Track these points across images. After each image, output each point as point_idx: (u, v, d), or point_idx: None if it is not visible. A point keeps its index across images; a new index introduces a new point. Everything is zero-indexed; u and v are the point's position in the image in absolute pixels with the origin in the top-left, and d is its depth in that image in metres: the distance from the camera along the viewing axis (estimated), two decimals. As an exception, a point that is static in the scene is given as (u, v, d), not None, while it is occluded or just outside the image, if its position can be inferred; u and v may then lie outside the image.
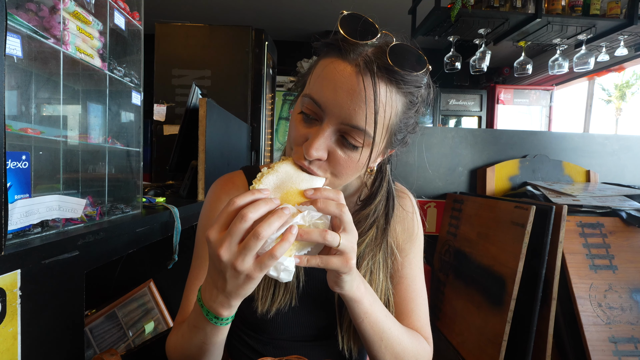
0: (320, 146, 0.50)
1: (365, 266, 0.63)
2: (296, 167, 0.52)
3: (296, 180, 0.50)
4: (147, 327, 1.37)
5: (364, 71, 0.48)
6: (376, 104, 0.48)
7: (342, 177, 0.54)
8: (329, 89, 0.49)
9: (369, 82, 0.48)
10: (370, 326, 0.55)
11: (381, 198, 0.65)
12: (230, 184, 0.70)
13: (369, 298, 0.55)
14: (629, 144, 2.03)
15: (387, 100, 0.50)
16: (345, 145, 0.51)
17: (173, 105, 2.55)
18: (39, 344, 0.57)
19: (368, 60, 0.48)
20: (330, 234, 0.46)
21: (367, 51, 0.50)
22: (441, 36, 2.43)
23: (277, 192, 0.49)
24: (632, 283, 1.33)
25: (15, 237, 0.58)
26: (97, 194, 0.84)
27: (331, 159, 0.52)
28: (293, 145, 0.55)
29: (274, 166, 0.51)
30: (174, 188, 1.59)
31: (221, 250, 0.43)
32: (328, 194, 0.48)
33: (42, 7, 0.65)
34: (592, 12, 2.16)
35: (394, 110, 0.51)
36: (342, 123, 0.49)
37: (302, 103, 0.53)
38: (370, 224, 0.64)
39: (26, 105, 0.67)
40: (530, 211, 1.33)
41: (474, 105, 4.38)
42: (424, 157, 2.00)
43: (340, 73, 0.49)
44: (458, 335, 1.59)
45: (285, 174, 0.51)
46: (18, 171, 0.58)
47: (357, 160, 0.52)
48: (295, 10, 3.81)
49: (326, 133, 0.50)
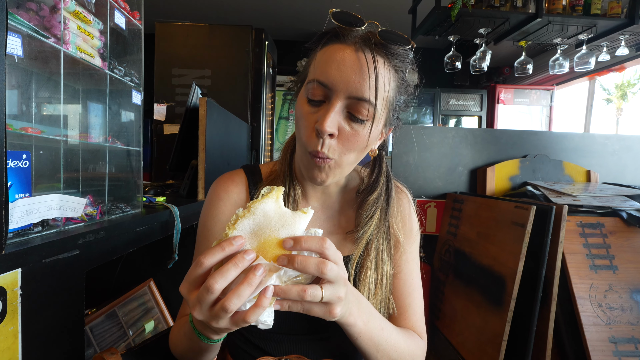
0: (332, 121, 0.54)
1: (374, 249, 0.66)
2: (277, 205, 0.46)
3: (275, 226, 0.44)
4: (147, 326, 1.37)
5: (363, 47, 0.54)
6: (377, 75, 0.54)
7: (350, 153, 0.57)
8: (333, 68, 0.54)
9: (369, 55, 0.53)
10: (365, 342, 0.56)
11: (383, 182, 0.69)
12: (230, 182, 0.70)
13: (363, 318, 0.54)
14: (629, 144, 2.03)
15: (384, 73, 0.55)
16: (352, 120, 0.56)
17: (173, 105, 2.55)
18: (39, 342, 0.57)
19: (365, 38, 0.55)
20: (310, 291, 0.43)
21: (360, 34, 0.56)
22: (441, 36, 2.43)
23: (254, 239, 0.43)
24: (633, 283, 1.33)
25: (15, 236, 0.58)
26: (97, 193, 0.84)
27: (341, 136, 0.56)
28: (303, 135, 0.57)
29: (251, 207, 0.44)
30: (174, 187, 1.59)
31: (194, 311, 0.42)
32: (310, 244, 0.43)
33: (42, 6, 0.66)
34: (592, 11, 2.16)
35: (390, 84, 0.57)
36: (349, 97, 0.54)
37: (307, 91, 0.57)
38: (375, 209, 0.67)
39: (27, 105, 0.67)
40: (531, 211, 1.33)
41: (474, 105, 4.38)
42: (424, 157, 2.00)
43: (341, 53, 0.54)
44: (458, 335, 1.60)
45: (264, 216, 0.44)
46: (19, 170, 0.58)
47: (364, 135, 0.56)
48: (295, 10, 3.81)
49: (336, 108, 0.54)
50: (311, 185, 0.69)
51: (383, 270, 0.66)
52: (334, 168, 0.59)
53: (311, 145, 0.56)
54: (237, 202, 0.69)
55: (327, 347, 0.68)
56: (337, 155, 0.57)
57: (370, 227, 0.66)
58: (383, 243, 0.67)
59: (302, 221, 0.46)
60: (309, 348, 0.67)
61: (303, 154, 0.60)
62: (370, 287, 0.64)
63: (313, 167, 0.58)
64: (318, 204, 0.71)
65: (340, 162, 0.58)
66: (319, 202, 0.71)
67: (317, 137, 0.55)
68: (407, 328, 0.68)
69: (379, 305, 0.65)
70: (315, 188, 0.70)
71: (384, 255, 0.66)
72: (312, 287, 0.44)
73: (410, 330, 0.67)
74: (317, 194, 0.71)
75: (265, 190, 0.47)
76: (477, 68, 2.52)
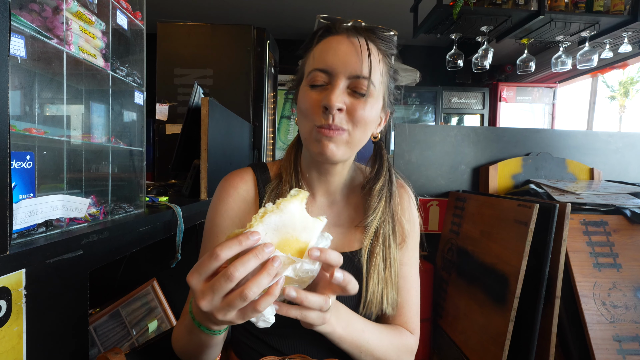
0: (339, 96, 0.58)
1: (382, 235, 0.68)
2: (301, 207, 0.49)
3: (298, 227, 0.47)
4: (151, 326, 1.38)
5: (354, 33, 0.61)
6: (370, 54, 0.60)
7: (358, 127, 0.61)
8: (331, 54, 0.60)
9: (361, 39, 0.60)
10: (347, 345, 0.60)
11: (385, 171, 0.72)
12: (239, 180, 0.72)
13: (342, 325, 0.58)
14: (633, 141, 2.02)
15: (376, 54, 0.62)
16: (356, 96, 0.60)
17: (175, 105, 2.56)
18: (43, 342, 0.58)
19: (354, 28, 0.62)
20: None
21: (349, 25, 0.63)
22: (443, 34, 2.42)
23: (276, 234, 0.46)
24: (637, 281, 1.32)
25: (20, 236, 0.59)
26: (100, 193, 0.84)
27: (348, 110, 0.60)
28: (310, 114, 0.61)
29: (280, 204, 0.47)
30: (176, 187, 1.59)
31: (203, 302, 0.43)
32: (331, 259, 0.47)
33: (45, 7, 0.66)
34: (595, 8, 2.15)
35: (381, 66, 0.63)
36: (349, 77, 0.59)
37: (308, 80, 0.62)
38: (381, 197, 0.70)
39: (30, 106, 0.67)
40: (534, 209, 1.32)
41: (476, 103, 4.36)
42: (426, 156, 2.00)
43: (336, 41, 0.61)
44: (461, 334, 1.59)
45: (290, 216, 0.47)
46: (22, 171, 0.58)
47: (368, 108, 0.61)
48: (296, 9, 3.81)
49: (340, 86, 0.59)
50: (318, 181, 0.71)
51: (390, 255, 0.68)
52: (346, 141, 0.62)
53: (321, 120, 0.60)
54: (245, 199, 0.70)
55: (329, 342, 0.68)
56: (350, 127, 0.61)
57: (378, 214, 0.69)
58: (389, 229, 0.69)
59: (318, 226, 0.49)
60: (311, 342, 0.68)
61: (310, 131, 0.62)
62: (380, 271, 0.67)
63: (322, 139, 0.61)
64: (325, 200, 0.73)
65: (352, 135, 0.61)
66: (325, 199, 0.73)
67: (325, 114, 0.59)
68: (401, 323, 0.70)
69: (389, 288, 0.67)
70: (322, 183, 0.71)
71: (390, 240, 0.69)
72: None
73: (398, 327, 0.70)
74: (323, 190, 0.72)
75: (294, 192, 0.49)
76: (479, 66, 2.51)
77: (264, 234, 0.45)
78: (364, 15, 4.05)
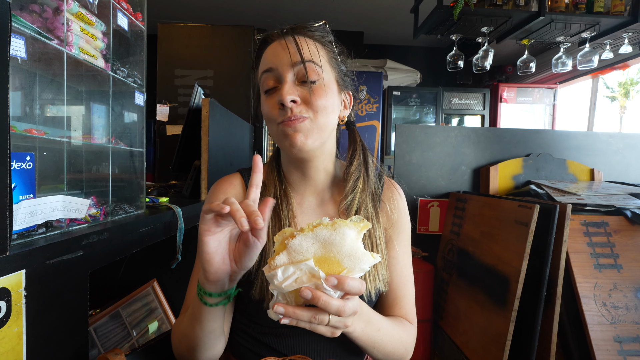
0: (289, 90, 0.61)
1: (365, 215, 0.70)
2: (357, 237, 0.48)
3: (345, 252, 0.47)
4: (151, 327, 1.37)
5: (285, 35, 0.65)
6: (302, 44, 0.63)
7: (320, 111, 0.63)
8: (270, 57, 0.65)
9: (290, 37, 0.64)
10: (363, 342, 0.61)
11: (359, 152, 0.74)
12: (228, 185, 0.74)
13: (361, 325, 0.59)
14: (633, 142, 2.02)
15: (311, 43, 0.65)
16: (306, 85, 0.63)
17: (176, 106, 2.56)
18: (43, 343, 0.58)
19: (284, 31, 0.65)
20: (318, 316, 0.48)
21: (281, 31, 0.66)
22: (443, 35, 2.42)
23: (322, 249, 0.47)
24: (637, 282, 1.32)
25: (19, 237, 0.59)
26: (100, 194, 0.84)
27: (303, 100, 0.63)
28: (271, 116, 0.65)
29: (336, 224, 0.47)
30: (177, 188, 1.59)
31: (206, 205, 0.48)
32: (352, 287, 0.47)
33: (45, 8, 0.66)
34: (596, 9, 2.15)
35: (320, 51, 0.66)
36: (292, 66, 0.63)
37: (262, 87, 0.67)
38: (358, 177, 0.72)
39: (30, 106, 0.67)
40: (534, 210, 1.32)
41: (476, 103, 4.36)
42: (427, 157, 2.00)
43: (272, 47, 0.66)
44: (462, 335, 1.59)
45: (342, 237, 0.47)
46: (22, 172, 0.58)
47: (323, 93, 0.63)
48: (297, 10, 3.81)
49: (288, 80, 0.63)
50: (302, 182, 0.72)
51: (375, 234, 0.70)
52: (311, 128, 0.63)
53: (281, 116, 0.63)
54: None
55: (330, 342, 0.69)
56: (311, 114, 0.63)
57: (357, 195, 0.71)
58: (370, 208, 0.71)
59: (367, 260, 0.48)
60: (310, 341, 0.68)
61: (276, 130, 0.65)
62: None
63: (287, 131, 0.63)
64: (314, 200, 0.74)
65: (316, 120, 0.63)
66: (314, 199, 0.74)
67: (282, 110, 0.62)
68: (401, 315, 0.73)
69: (379, 266, 0.69)
70: (307, 184, 0.73)
71: (373, 219, 0.71)
72: (319, 313, 0.48)
73: (403, 320, 0.73)
74: (311, 191, 0.73)
75: (356, 219, 0.49)
76: (480, 67, 2.51)
77: (311, 243, 0.47)
78: (364, 16, 4.06)
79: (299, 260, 0.47)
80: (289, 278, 0.46)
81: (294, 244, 0.47)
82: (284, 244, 0.48)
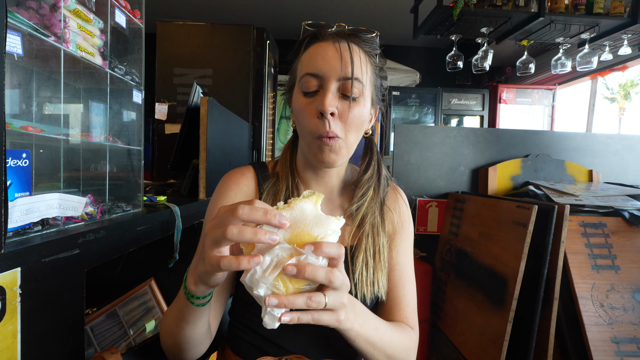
0: (331, 100, 0.61)
1: (369, 222, 0.71)
2: (315, 208, 0.49)
3: (310, 224, 0.48)
4: (148, 326, 1.37)
5: (339, 39, 0.64)
6: (355, 57, 0.63)
7: (352, 131, 0.64)
8: (319, 60, 0.63)
9: (345, 43, 0.63)
10: (362, 342, 0.59)
11: (374, 163, 0.76)
12: (240, 176, 0.74)
13: (359, 321, 0.57)
14: (632, 143, 2.02)
15: (361, 56, 0.65)
16: (346, 99, 0.63)
17: (174, 104, 2.55)
18: (39, 342, 0.57)
19: (338, 33, 0.65)
20: (315, 298, 0.46)
21: (333, 31, 0.66)
22: (443, 35, 2.42)
23: (288, 230, 0.47)
24: (635, 283, 1.32)
25: (15, 235, 0.58)
26: (98, 192, 0.84)
27: (341, 114, 0.63)
28: (307, 123, 0.64)
29: (292, 203, 0.48)
30: (175, 187, 1.59)
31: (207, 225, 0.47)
32: (329, 250, 0.46)
33: (42, 4, 0.65)
34: (595, 10, 2.15)
35: (367, 66, 0.66)
36: (339, 80, 0.62)
37: (300, 86, 0.65)
38: (369, 186, 0.73)
39: (27, 104, 0.67)
40: (532, 211, 1.32)
41: (476, 104, 4.36)
42: (426, 157, 2.00)
43: (323, 48, 0.64)
44: (459, 335, 1.59)
45: (301, 213, 0.48)
46: (18, 169, 0.58)
47: (359, 110, 0.64)
48: (297, 9, 3.81)
49: (331, 90, 0.62)
50: (315, 181, 0.74)
51: (379, 242, 0.71)
52: (342, 147, 0.64)
53: (319, 129, 0.62)
54: (246, 194, 0.73)
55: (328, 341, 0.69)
56: (343, 134, 0.63)
57: (365, 202, 0.72)
58: (377, 217, 0.72)
59: (333, 224, 0.49)
60: (310, 335, 0.68)
61: (311, 142, 0.65)
62: (368, 258, 0.69)
63: (323, 149, 0.64)
64: (323, 200, 0.74)
65: (346, 140, 0.64)
66: (324, 198, 0.74)
67: (321, 119, 0.62)
68: (400, 319, 0.72)
69: (379, 273, 0.69)
70: (319, 183, 0.74)
71: (379, 228, 0.72)
72: (316, 295, 0.47)
73: (402, 324, 0.71)
74: (321, 189, 0.74)
75: (307, 193, 0.50)
76: (479, 67, 2.51)
77: (276, 229, 0.46)
78: (364, 16, 4.06)
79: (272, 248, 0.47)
80: (268, 267, 0.45)
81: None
82: (252, 245, 0.48)
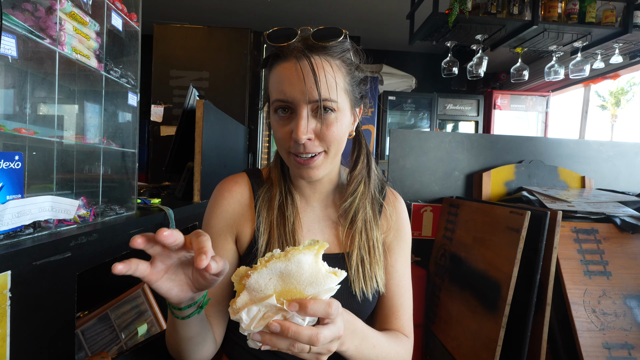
0: (304, 128, 0.59)
1: (361, 218, 0.71)
2: (315, 260, 0.46)
3: (304, 281, 0.45)
4: (140, 330, 1.36)
5: (302, 58, 0.60)
6: (320, 74, 0.59)
7: (333, 144, 0.62)
8: (286, 85, 0.60)
9: (306, 62, 0.59)
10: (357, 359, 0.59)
11: (363, 157, 0.75)
12: (234, 184, 0.74)
13: (355, 343, 0.57)
14: (623, 150, 2.05)
15: (328, 67, 0.61)
16: (321, 116, 0.61)
17: (170, 107, 2.55)
18: (28, 346, 0.57)
19: (300, 50, 0.61)
20: (298, 346, 0.46)
21: (297, 45, 0.61)
22: (439, 41, 2.45)
23: (280, 282, 0.45)
24: (626, 289, 1.33)
25: (6, 237, 0.58)
26: (91, 194, 0.83)
27: (318, 135, 0.61)
28: (283, 142, 0.63)
29: (289, 253, 0.45)
30: (169, 189, 1.58)
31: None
32: (316, 310, 0.44)
33: (38, 7, 0.65)
34: (587, 20, 2.18)
35: (339, 74, 0.62)
36: (309, 102, 0.60)
37: (273, 107, 0.64)
38: (359, 182, 0.73)
39: (20, 105, 0.66)
40: (525, 216, 1.33)
41: (471, 110, 4.40)
42: (421, 162, 2.01)
43: (287, 70, 0.61)
44: (453, 340, 1.59)
45: (298, 266, 0.45)
46: (11, 171, 0.57)
47: (339, 126, 0.62)
48: (294, 13, 3.82)
49: (303, 116, 0.60)
50: (308, 187, 0.74)
51: (372, 236, 0.71)
52: (324, 161, 0.64)
53: (294, 148, 0.62)
54: (240, 202, 0.72)
55: None
56: (324, 147, 0.62)
57: (356, 199, 0.71)
58: (369, 211, 0.72)
59: (330, 282, 0.46)
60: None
61: (287, 157, 0.65)
62: (363, 254, 0.69)
63: (301, 167, 0.63)
64: (319, 205, 0.75)
65: (329, 152, 0.63)
66: (318, 204, 0.75)
67: (296, 144, 0.61)
68: (397, 328, 0.72)
69: (376, 267, 0.69)
70: (313, 189, 0.74)
71: (371, 222, 0.72)
72: (298, 343, 0.45)
73: (399, 334, 0.72)
74: (315, 194, 0.74)
75: (309, 243, 0.47)
76: (474, 74, 2.54)
77: (268, 278, 0.45)
78: (361, 21, 4.09)
79: (261, 298, 0.45)
80: (255, 318, 0.45)
81: (251, 283, 0.45)
82: (242, 284, 0.46)
